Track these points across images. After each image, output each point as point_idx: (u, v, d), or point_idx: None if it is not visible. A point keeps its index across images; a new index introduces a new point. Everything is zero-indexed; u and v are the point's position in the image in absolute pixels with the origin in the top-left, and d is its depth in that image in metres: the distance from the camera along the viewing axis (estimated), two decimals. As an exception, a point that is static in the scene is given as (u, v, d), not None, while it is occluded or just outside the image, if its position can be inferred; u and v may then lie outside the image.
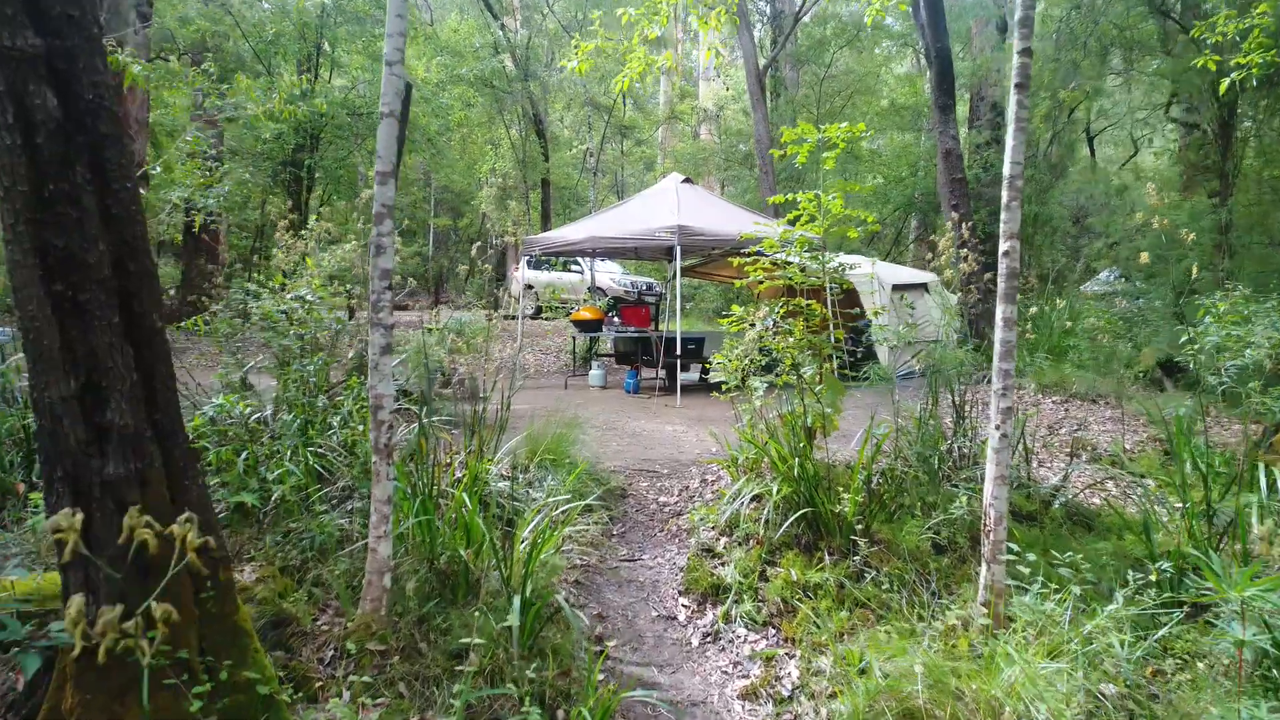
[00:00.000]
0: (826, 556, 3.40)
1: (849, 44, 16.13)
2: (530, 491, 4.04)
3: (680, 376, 8.37)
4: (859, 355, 6.96)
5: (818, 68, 19.46)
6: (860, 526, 3.41)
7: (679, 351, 8.29)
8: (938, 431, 4.32)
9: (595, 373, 9.39)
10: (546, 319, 16.19)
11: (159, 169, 5.96)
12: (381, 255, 2.65)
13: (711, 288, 17.65)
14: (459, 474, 3.86)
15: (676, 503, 4.46)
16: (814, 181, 17.73)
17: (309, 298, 3.57)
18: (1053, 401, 7.09)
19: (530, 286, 17.86)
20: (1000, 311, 2.98)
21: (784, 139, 4.37)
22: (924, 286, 11.19)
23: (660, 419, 7.06)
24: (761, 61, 15.24)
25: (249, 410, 3.28)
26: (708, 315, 18.88)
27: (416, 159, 18.78)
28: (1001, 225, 2.99)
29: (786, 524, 3.34)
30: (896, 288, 10.58)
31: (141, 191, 2.06)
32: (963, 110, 16.99)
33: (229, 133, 11.88)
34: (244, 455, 3.37)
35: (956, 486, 3.98)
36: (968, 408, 4.47)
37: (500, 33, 19.32)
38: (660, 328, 11.29)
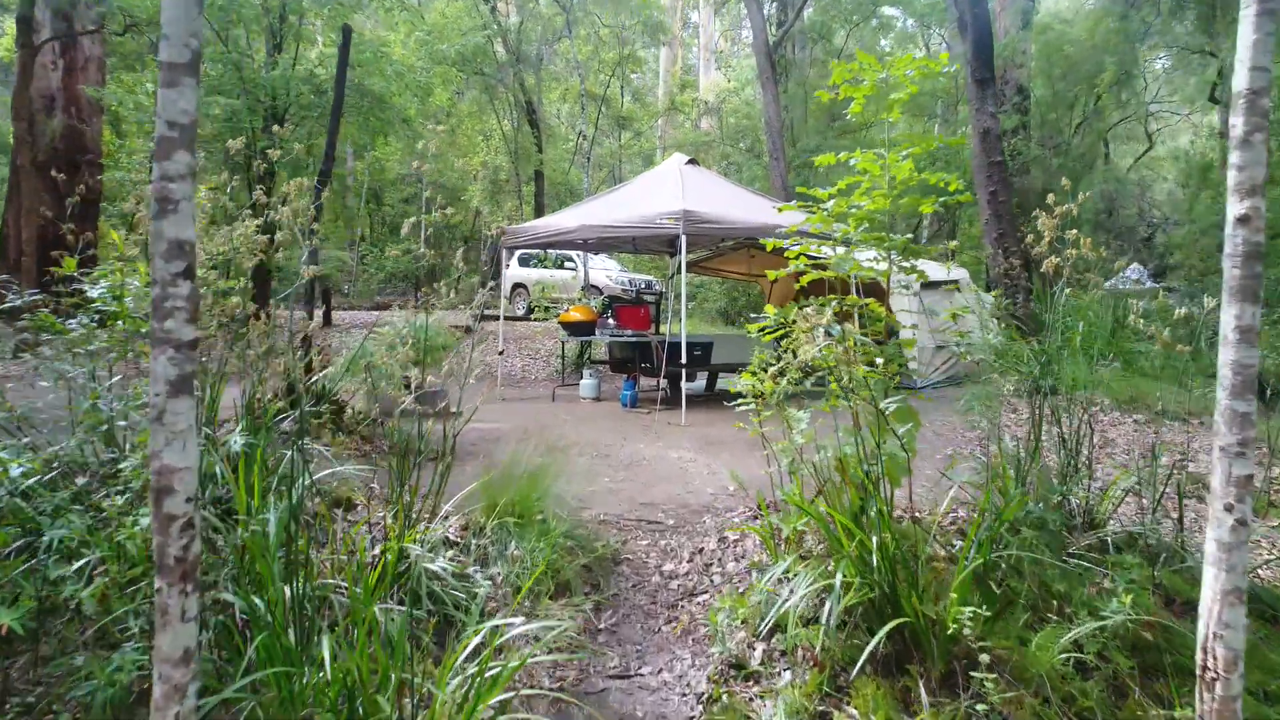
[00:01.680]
0: (922, 690, 2.23)
1: (865, 20, 14.92)
2: (483, 570, 2.87)
3: (685, 386, 7.21)
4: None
5: (827, 51, 18.30)
6: (972, 639, 2.24)
7: (684, 359, 7.11)
8: (1041, 481, 3.17)
9: (587, 382, 8.21)
10: (537, 319, 15.01)
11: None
12: (170, 215, 1.47)
13: (717, 285, 16.47)
14: (376, 551, 2.70)
15: (688, 574, 3.28)
16: (830, 173, 16.51)
17: (97, 292, 2.39)
18: (1134, 421, 5.92)
19: (521, 285, 16.69)
20: (1231, 315, 1.80)
21: (834, 80, 3.21)
22: (955, 285, 10.06)
23: (662, 441, 5.89)
24: (771, 39, 14.06)
25: (22, 471, 2.10)
26: (711, 315, 17.71)
27: (401, 150, 17.60)
28: (1232, 174, 1.82)
29: (870, 646, 2.16)
30: (925, 286, 9.43)
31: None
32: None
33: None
34: (48, 539, 2.20)
35: (1082, 563, 2.81)
36: (1081, 442, 3.30)
37: (491, 15, 18.14)
38: (661, 330, 10.12)
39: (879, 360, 2.73)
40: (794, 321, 3.08)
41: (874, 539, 2.34)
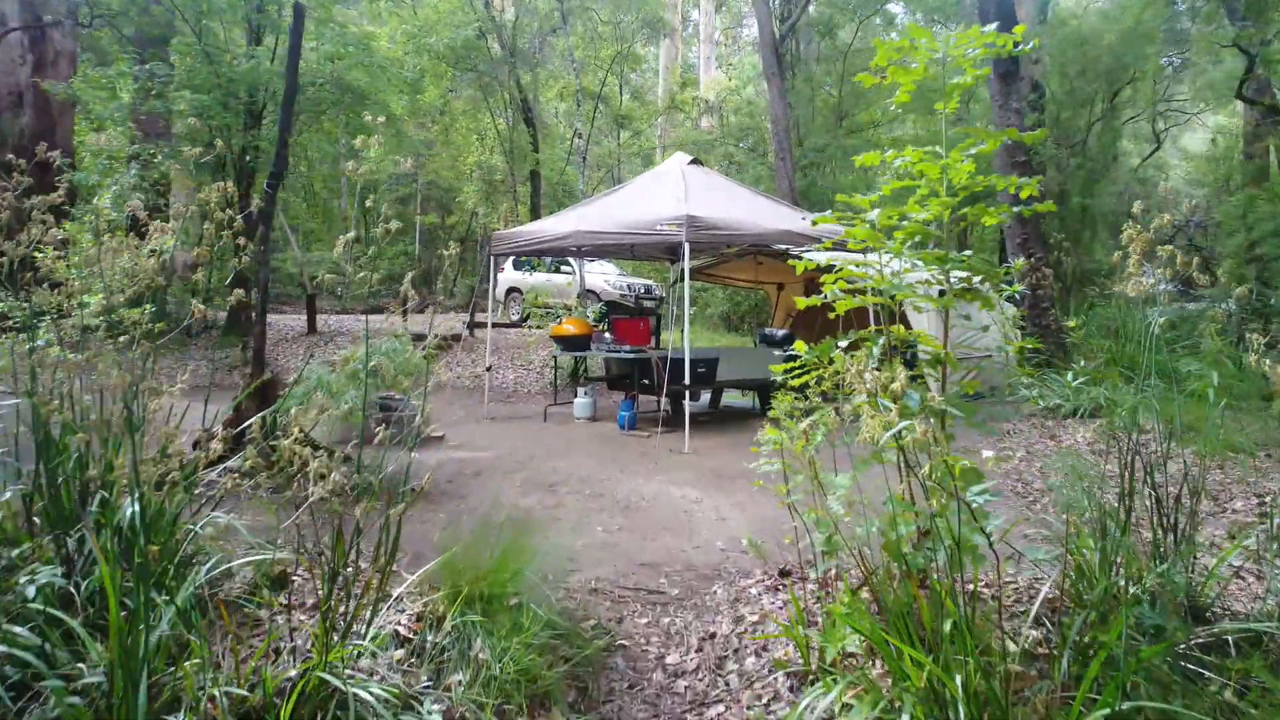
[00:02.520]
0: None
1: (870, 15, 14.32)
2: (438, 682, 2.25)
3: (688, 405, 6.58)
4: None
5: (832, 46, 17.70)
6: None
7: (688, 378, 6.49)
8: (1131, 560, 2.54)
9: (581, 401, 7.59)
10: (534, 326, 14.37)
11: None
12: None
13: (719, 290, 15.84)
14: (295, 671, 2.07)
15: (697, 670, 2.66)
16: (838, 173, 15.87)
17: None
18: (1193, 453, 5.27)
19: (515, 289, 16.08)
20: None
21: (877, 61, 2.59)
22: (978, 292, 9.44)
23: (664, 474, 5.28)
24: (776, 33, 13.43)
25: None
26: (713, 321, 17.10)
27: (388, 150, 16.96)
28: None
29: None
30: (943, 295, 8.80)
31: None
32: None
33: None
34: None
35: (1193, 665, 2.19)
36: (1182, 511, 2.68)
37: (485, 10, 17.52)
38: (662, 341, 9.50)
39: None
40: (830, 361, 2.47)
41: (957, 678, 1.72)
